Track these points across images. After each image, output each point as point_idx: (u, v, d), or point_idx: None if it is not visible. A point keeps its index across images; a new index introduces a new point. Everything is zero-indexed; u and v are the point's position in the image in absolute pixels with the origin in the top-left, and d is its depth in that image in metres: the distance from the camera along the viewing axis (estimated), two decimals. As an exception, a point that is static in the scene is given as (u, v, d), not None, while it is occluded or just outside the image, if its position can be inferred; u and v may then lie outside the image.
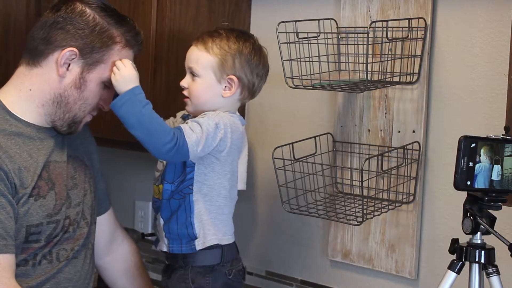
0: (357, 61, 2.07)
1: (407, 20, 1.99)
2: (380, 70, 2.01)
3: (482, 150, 1.60)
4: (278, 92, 2.30)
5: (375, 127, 2.12)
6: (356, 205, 2.06)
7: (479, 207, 1.63)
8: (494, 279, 1.63)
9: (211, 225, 1.93)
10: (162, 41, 2.25)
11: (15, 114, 1.84)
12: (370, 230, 2.14)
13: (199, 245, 1.92)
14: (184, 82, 1.94)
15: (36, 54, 1.84)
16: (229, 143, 1.89)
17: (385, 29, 1.97)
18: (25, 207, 1.79)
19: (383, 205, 2.03)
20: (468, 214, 1.64)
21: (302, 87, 1.99)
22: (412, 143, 2.03)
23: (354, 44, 2.08)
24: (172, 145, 1.79)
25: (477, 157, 1.60)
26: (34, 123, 1.86)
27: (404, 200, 2.06)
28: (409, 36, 2.00)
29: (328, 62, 2.03)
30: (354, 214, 2.00)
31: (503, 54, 1.88)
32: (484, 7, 1.93)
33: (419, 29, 2.00)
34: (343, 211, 2.03)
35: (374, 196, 2.06)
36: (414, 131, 2.04)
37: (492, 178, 1.62)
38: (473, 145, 1.59)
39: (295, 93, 2.21)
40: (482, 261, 1.63)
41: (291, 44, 1.96)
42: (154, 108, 1.82)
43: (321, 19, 2.03)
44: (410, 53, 2.01)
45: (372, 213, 2.00)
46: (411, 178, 2.04)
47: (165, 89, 2.26)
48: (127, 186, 2.85)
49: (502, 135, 1.64)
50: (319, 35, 2.00)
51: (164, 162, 1.95)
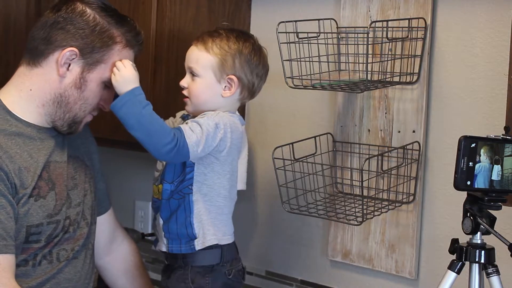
0: (357, 61, 2.07)
1: (407, 20, 1.99)
2: (380, 70, 2.01)
3: (482, 150, 1.60)
4: (278, 92, 2.30)
5: (375, 127, 2.12)
6: (356, 205, 2.06)
7: (479, 207, 1.63)
8: (494, 279, 1.63)
9: (211, 225, 1.93)
10: (162, 41, 2.25)
11: (16, 114, 1.84)
12: (370, 230, 2.14)
13: (199, 245, 1.92)
14: (184, 82, 1.94)
15: (37, 54, 1.84)
16: (229, 143, 1.89)
17: (385, 29, 1.97)
18: (25, 208, 1.79)
19: (383, 205, 2.03)
20: (468, 214, 1.64)
21: (302, 87, 1.99)
22: (412, 143, 2.03)
23: (354, 44, 2.08)
24: (173, 146, 1.79)
25: (477, 157, 1.60)
26: (35, 123, 1.86)
27: (404, 200, 2.06)
28: (409, 36, 2.00)
29: (328, 62, 2.03)
30: (354, 214, 2.00)
31: (503, 54, 1.88)
32: (484, 7, 1.93)
33: (419, 29, 2.00)
34: (343, 211, 2.03)
35: (374, 196, 2.06)
36: (414, 131, 2.04)
37: (492, 178, 1.62)
38: (473, 145, 1.59)
39: (295, 93, 2.21)
40: (482, 261, 1.63)
41: (291, 44, 1.96)
42: (154, 108, 1.82)
43: (321, 19, 2.03)
44: (410, 53, 2.01)
45: (372, 213, 2.00)
46: (411, 178, 2.04)
47: (165, 89, 2.26)
48: (127, 186, 2.85)
49: (502, 135, 1.64)
50: (319, 35, 2.00)
51: (164, 162, 1.95)
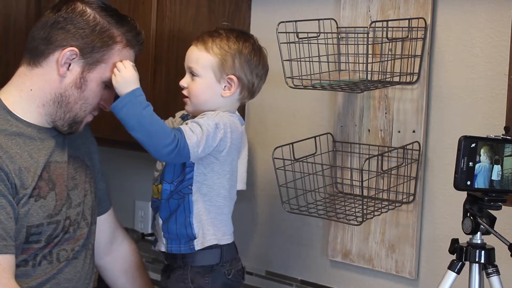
0: (357, 61, 2.07)
1: (407, 20, 1.99)
2: (380, 70, 2.01)
3: (482, 150, 1.60)
4: (278, 92, 2.30)
5: (375, 127, 2.12)
6: (356, 205, 2.06)
7: (479, 207, 1.63)
8: (494, 279, 1.63)
9: (210, 225, 1.92)
10: (162, 41, 2.25)
11: (16, 114, 1.84)
12: (370, 230, 2.14)
13: (198, 245, 1.92)
14: (184, 82, 1.94)
15: (37, 54, 1.84)
16: (229, 143, 1.89)
17: (385, 29, 1.97)
18: (26, 208, 1.79)
19: (383, 205, 2.03)
20: (468, 214, 1.64)
21: (302, 87, 1.99)
22: (412, 143, 2.03)
23: (354, 44, 2.08)
24: (173, 147, 1.78)
25: (477, 157, 1.60)
26: (35, 123, 1.86)
27: (404, 200, 2.06)
28: (409, 36, 2.00)
29: (328, 62, 2.03)
30: (354, 214, 2.00)
31: (503, 54, 1.88)
32: (484, 7, 1.93)
33: (419, 29, 2.00)
34: (343, 211, 2.03)
35: (374, 196, 2.06)
36: (414, 131, 2.04)
37: (492, 178, 1.62)
38: (473, 145, 1.59)
39: (295, 93, 2.21)
40: (482, 261, 1.63)
41: (291, 44, 1.96)
42: (154, 108, 1.82)
43: (321, 19, 2.03)
44: (410, 53, 2.01)
45: (372, 213, 2.00)
46: (411, 178, 2.04)
47: (165, 89, 2.25)
48: (127, 186, 2.85)
49: (502, 135, 1.64)
50: (319, 35, 2.00)
51: (163, 162, 1.95)
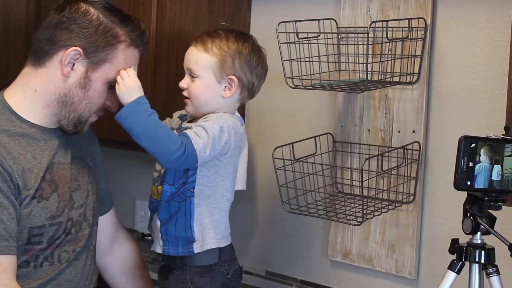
0: (357, 61, 2.07)
1: (407, 20, 1.99)
2: (380, 70, 2.01)
3: (482, 150, 1.60)
4: (278, 92, 2.30)
5: (375, 127, 2.12)
6: (356, 205, 2.06)
7: (479, 207, 1.63)
8: (494, 279, 1.63)
9: (212, 229, 1.91)
10: (162, 41, 2.25)
11: (20, 115, 1.84)
12: (370, 230, 2.14)
13: (197, 248, 1.91)
14: (183, 83, 1.93)
15: (41, 55, 1.84)
16: (232, 145, 1.89)
17: (385, 29, 1.96)
18: (28, 209, 1.79)
19: (383, 205, 2.03)
20: (468, 214, 1.64)
21: (302, 87, 1.99)
22: (412, 143, 2.03)
23: (354, 44, 2.08)
24: (181, 153, 1.78)
25: (477, 157, 1.60)
26: (39, 124, 1.86)
27: (404, 200, 2.06)
28: (409, 36, 2.00)
29: (328, 62, 2.03)
30: (354, 214, 2.00)
31: (503, 54, 1.88)
32: (484, 7, 1.93)
33: (419, 29, 2.00)
34: (343, 211, 2.03)
35: (374, 196, 2.06)
36: (414, 131, 2.04)
37: (492, 178, 1.62)
38: (473, 145, 1.59)
39: (295, 93, 2.21)
40: (482, 261, 1.63)
41: (291, 44, 1.96)
42: (154, 108, 1.82)
43: (321, 19, 2.03)
44: (410, 53, 2.01)
45: (372, 213, 2.00)
46: (411, 178, 2.04)
47: (165, 89, 2.25)
48: (127, 186, 2.85)
49: (502, 135, 1.64)
50: (319, 35, 2.00)
51: (163, 163, 1.95)
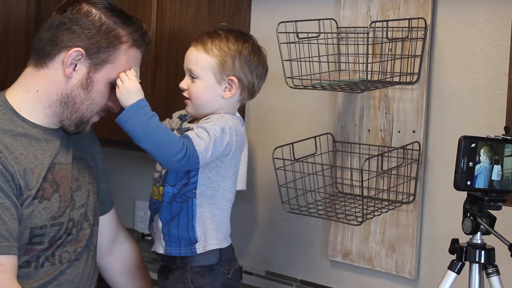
0: (357, 61, 2.07)
1: (407, 20, 1.99)
2: (380, 70, 2.01)
3: (482, 150, 1.60)
4: (278, 92, 2.30)
5: (375, 127, 2.12)
6: (356, 205, 2.06)
7: (479, 207, 1.63)
8: (494, 279, 1.63)
9: (214, 229, 1.91)
10: (162, 41, 2.25)
11: (22, 115, 1.84)
12: (370, 230, 2.14)
13: (200, 249, 1.91)
14: (184, 84, 1.93)
15: (43, 56, 1.84)
16: (234, 146, 1.88)
17: (385, 29, 1.97)
18: (29, 209, 1.79)
19: (383, 205, 2.03)
20: (468, 214, 1.64)
21: (302, 87, 1.99)
22: (412, 143, 2.03)
23: (354, 44, 2.08)
24: (182, 155, 1.77)
25: (477, 157, 1.60)
26: (41, 124, 1.86)
27: (404, 200, 2.06)
28: (409, 36, 2.00)
29: (328, 62, 2.03)
30: (354, 214, 2.00)
31: (503, 54, 1.88)
32: (484, 7, 1.93)
33: (419, 29, 2.00)
34: (343, 211, 2.03)
35: (374, 196, 2.06)
36: (414, 131, 2.04)
37: (492, 178, 1.62)
38: (473, 145, 1.59)
39: (295, 93, 2.21)
40: (482, 261, 1.63)
41: (291, 44, 1.96)
42: (154, 109, 1.82)
43: (321, 19, 2.03)
44: (410, 53, 2.01)
45: (372, 213, 2.00)
46: (411, 178, 2.04)
47: (165, 89, 2.25)
48: (127, 186, 2.85)
49: (502, 135, 1.64)
50: (319, 35, 2.00)
51: (164, 163, 1.95)
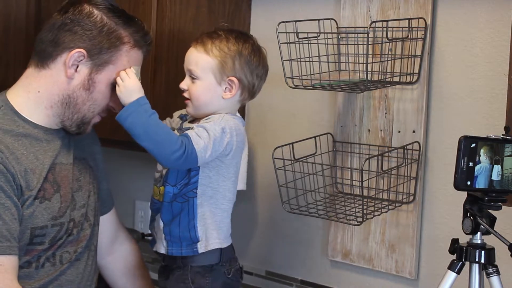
0: (357, 61, 2.07)
1: (407, 20, 1.99)
2: (380, 70, 2.01)
3: (482, 150, 1.60)
4: (278, 92, 2.30)
5: (375, 127, 2.12)
6: (356, 205, 2.06)
7: (479, 207, 1.63)
8: (494, 279, 1.63)
9: (215, 229, 1.92)
10: (162, 41, 2.25)
11: (23, 115, 1.84)
12: (370, 230, 2.14)
13: (201, 249, 1.91)
14: (184, 84, 1.93)
15: (45, 56, 1.84)
16: (234, 146, 1.88)
17: (385, 29, 1.97)
18: (30, 209, 1.79)
19: (383, 205, 2.03)
20: (468, 214, 1.64)
21: (302, 87, 1.99)
22: (412, 143, 2.03)
23: (354, 44, 2.08)
24: (181, 154, 1.78)
25: (477, 157, 1.60)
26: (42, 125, 1.86)
27: (404, 200, 2.06)
28: (409, 36, 2.00)
29: (328, 62, 2.03)
30: (354, 214, 2.00)
31: (503, 54, 1.88)
32: (484, 7, 1.93)
33: (419, 29, 2.00)
34: (343, 211, 2.03)
35: (374, 196, 2.06)
36: (414, 131, 2.04)
37: (492, 178, 1.62)
38: (473, 145, 1.59)
39: (295, 93, 2.21)
40: (482, 261, 1.63)
41: (291, 44, 1.96)
42: (154, 108, 1.82)
43: (321, 19, 2.03)
44: (410, 53, 2.01)
45: (372, 213, 2.00)
46: (411, 178, 2.04)
47: (165, 89, 2.25)
48: (127, 186, 2.85)
49: (502, 135, 1.64)
50: (319, 35, 2.00)
51: (164, 163, 1.95)
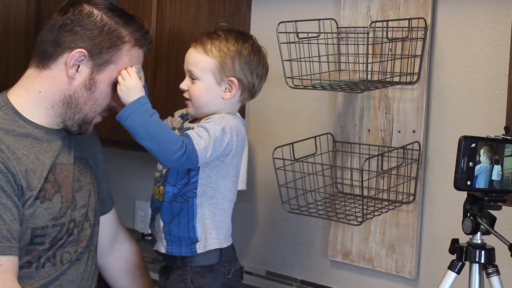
0: (357, 61, 2.07)
1: (407, 20, 1.99)
2: (380, 70, 2.01)
3: (482, 150, 1.60)
4: (278, 92, 2.30)
5: (375, 127, 2.12)
6: (356, 205, 2.06)
7: (479, 207, 1.63)
8: (494, 279, 1.63)
9: (214, 229, 1.91)
10: (162, 41, 2.25)
11: (24, 116, 1.84)
12: (370, 230, 2.14)
13: (200, 249, 1.91)
14: (184, 85, 1.93)
15: (46, 57, 1.84)
16: (235, 146, 1.88)
17: (385, 29, 1.97)
18: (31, 210, 1.79)
19: (383, 205, 2.03)
20: (468, 214, 1.64)
21: (302, 87, 1.99)
22: (412, 143, 2.03)
23: (354, 44, 2.08)
24: (182, 153, 1.77)
25: (477, 157, 1.60)
26: (43, 125, 1.86)
27: (404, 200, 2.06)
28: (409, 36, 2.00)
29: (328, 62, 2.03)
30: (354, 214, 2.00)
31: (503, 54, 1.88)
32: (484, 7, 1.93)
33: (419, 29, 2.00)
34: (343, 211, 2.03)
35: (374, 196, 2.06)
36: (414, 131, 2.04)
37: (492, 178, 1.62)
38: (473, 145, 1.59)
39: (295, 93, 2.21)
40: (482, 261, 1.63)
41: (291, 44, 1.96)
42: (155, 108, 1.81)
43: (321, 19, 2.03)
44: (410, 53, 2.01)
45: (372, 213, 2.00)
46: (411, 178, 2.04)
47: (165, 90, 2.25)
48: (127, 186, 2.85)
49: (502, 135, 1.64)
50: (319, 35, 2.00)
51: (164, 163, 1.95)
